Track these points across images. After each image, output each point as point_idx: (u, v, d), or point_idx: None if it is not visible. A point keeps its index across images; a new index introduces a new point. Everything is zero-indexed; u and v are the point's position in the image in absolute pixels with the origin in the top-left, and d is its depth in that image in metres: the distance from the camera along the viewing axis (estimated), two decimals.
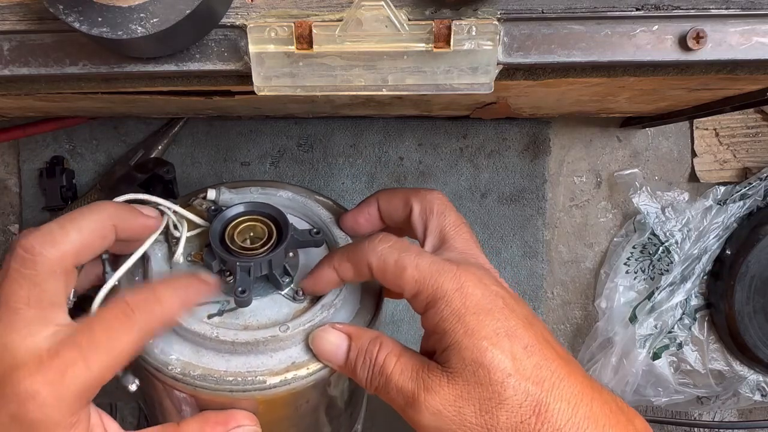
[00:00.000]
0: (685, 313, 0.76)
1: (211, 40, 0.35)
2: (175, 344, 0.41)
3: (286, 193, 0.50)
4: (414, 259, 0.38)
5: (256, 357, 0.40)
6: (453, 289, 0.37)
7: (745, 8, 0.34)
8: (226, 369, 0.40)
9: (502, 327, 0.36)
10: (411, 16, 0.34)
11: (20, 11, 0.34)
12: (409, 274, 0.38)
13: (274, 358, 0.40)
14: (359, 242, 0.41)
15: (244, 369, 0.40)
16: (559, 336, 0.77)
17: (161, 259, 0.44)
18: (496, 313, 0.36)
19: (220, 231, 0.44)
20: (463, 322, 0.36)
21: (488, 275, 0.39)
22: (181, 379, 0.39)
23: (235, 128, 0.72)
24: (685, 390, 0.77)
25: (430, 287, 0.37)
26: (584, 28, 0.35)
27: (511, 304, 0.37)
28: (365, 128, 0.73)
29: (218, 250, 0.42)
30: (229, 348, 0.40)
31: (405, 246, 0.39)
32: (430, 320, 0.38)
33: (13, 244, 0.36)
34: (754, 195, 0.74)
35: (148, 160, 0.63)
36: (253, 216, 0.45)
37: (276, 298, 0.44)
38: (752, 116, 0.75)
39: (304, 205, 0.49)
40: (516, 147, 0.74)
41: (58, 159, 0.71)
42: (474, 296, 0.36)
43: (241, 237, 0.44)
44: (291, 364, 0.40)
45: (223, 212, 0.44)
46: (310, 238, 0.45)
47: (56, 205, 0.70)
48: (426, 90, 0.36)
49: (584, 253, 0.77)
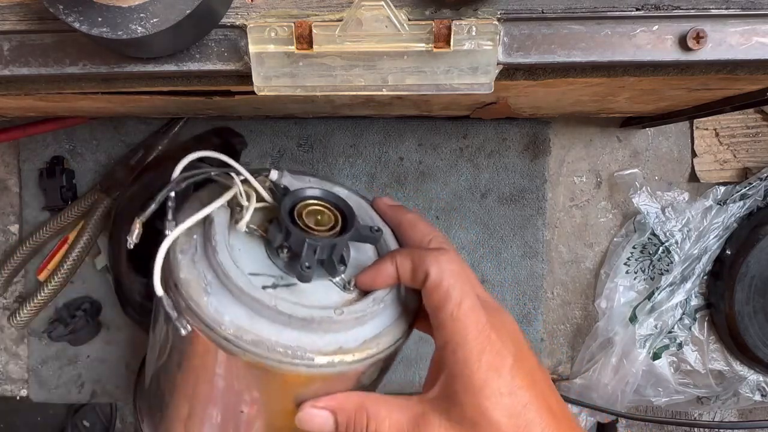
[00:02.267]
0: (685, 313, 0.76)
1: (211, 40, 0.35)
2: (231, 306, 0.41)
3: (342, 190, 0.51)
4: (459, 295, 0.40)
5: (308, 334, 0.41)
6: (474, 337, 0.39)
7: (745, 8, 0.34)
8: (278, 339, 0.40)
9: (506, 387, 0.38)
10: (411, 16, 0.34)
11: (20, 11, 0.34)
12: (449, 309, 0.40)
13: (324, 339, 0.41)
14: (429, 249, 0.43)
15: (294, 343, 0.40)
16: (559, 336, 0.78)
17: (223, 224, 0.45)
18: (504, 372, 0.39)
19: (290, 207, 0.45)
20: (472, 379, 0.38)
21: (508, 320, 0.42)
22: (233, 341, 0.40)
23: (235, 128, 0.72)
24: (685, 390, 0.77)
25: (459, 332, 0.40)
26: (584, 28, 0.35)
27: (519, 359, 0.40)
28: (365, 128, 0.73)
29: (287, 223, 0.44)
30: (284, 320, 0.41)
31: (463, 276, 0.41)
32: (445, 357, 0.40)
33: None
34: (754, 195, 0.74)
35: (223, 128, 0.61)
36: (322, 202, 0.47)
37: (327, 284, 0.46)
38: (752, 116, 0.75)
39: (359, 205, 0.51)
40: (516, 147, 0.74)
41: (58, 159, 0.71)
42: (489, 353, 0.39)
43: (308, 218, 0.45)
44: (338, 348, 0.41)
45: (296, 191, 0.46)
46: (371, 234, 0.47)
47: (56, 205, 0.70)
48: (426, 90, 0.36)
49: (584, 253, 0.77)
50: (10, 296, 0.73)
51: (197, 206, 0.46)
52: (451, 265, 0.41)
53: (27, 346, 0.73)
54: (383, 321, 0.44)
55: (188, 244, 0.44)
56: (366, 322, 0.43)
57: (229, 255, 0.43)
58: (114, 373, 0.74)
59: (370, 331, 0.43)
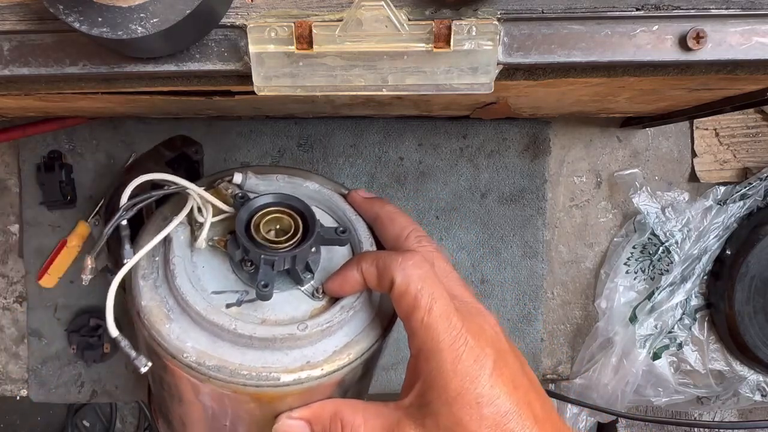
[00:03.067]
0: (685, 313, 0.76)
1: (211, 40, 0.35)
2: (192, 331, 0.40)
3: (313, 185, 0.49)
4: (428, 301, 0.38)
5: (272, 353, 0.40)
6: (448, 344, 0.37)
7: (745, 8, 0.34)
8: (241, 362, 0.40)
9: (484, 396, 0.37)
10: (411, 16, 0.34)
11: (20, 11, 0.34)
12: (419, 316, 0.38)
13: (289, 356, 0.40)
14: (392, 252, 0.41)
15: (259, 364, 0.40)
16: (559, 336, 0.78)
17: (183, 243, 0.44)
18: (482, 380, 0.37)
19: (246, 220, 0.43)
20: (446, 389, 0.37)
21: (488, 323, 0.40)
22: (196, 367, 0.39)
23: (235, 128, 0.72)
24: (685, 390, 0.77)
25: (430, 339, 0.38)
26: (584, 28, 0.35)
27: (500, 364, 0.38)
28: (365, 128, 0.73)
29: (243, 240, 0.42)
30: (246, 342, 0.40)
31: (431, 280, 0.39)
32: (420, 366, 0.39)
33: None
34: (754, 195, 0.74)
35: (176, 138, 0.60)
36: (280, 207, 0.44)
37: (295, 294, 0.44)
38: (752, 116, 0.75)
39: (329, 199, 0.49)
40: (516, 147, 0.74)
41: (56, 153, 0.70)
42: (466, 361, 0.37)
43: (266, 228, 0.44)
44: (306, 363, 0.40)
45: (251, 201, 0.44)
46: (336, 237, 0.45)
47: (55, 200, 0.69)
48: (426, 90, 0.36)
49: (584, 253, 0.77)
50: (11, 296, 0.73)
51: (160, 222, 0.45)
52: (417, 269, 0.39)
53: (27, 346, 0.73)
54: (354, 328, 0.43)
55: (150, 268, 0.43)
56: (334, 332, 0.42)
57: (189, 277, 0.42)
58: (114, 373, 0.74)
59: (339, 340, 0.42)
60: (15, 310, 0.73)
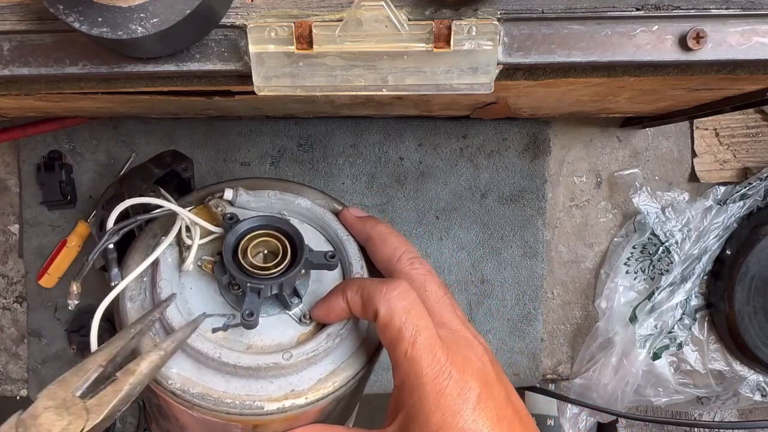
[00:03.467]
0: (685, 313, 0.76)
1: (211, 40, 0.35)
2: (177, 358, 0.40)
3: (305, 201, 0.48)
4: (412, 333, 0.38)
5: (257, 381, 0.40)
6: (431, 378, 0.37)
7: (745, 8, 0.34)
8: (225, 390, 0.40)
9: (467, 430, 0.37)
10: (411, 16, 0.34)
11: (20, 11, 0.34)
12: (403, 349, 0.38)
13: (274, 384, 0.40)
14: (377, 282, 0.41)
15: (243, 392, 0.40)
16: (559, 336, 0.78)
17: (171, 265, 0.44)
18: (465, 414, 0.37)
19: (233, 245, 0.43)
20: (428, 423, 0.37)
21: (474, 354, 0.40)
22: (180, 395, 0.39)
23: (235, 128, 0.72)
24: (685, 390, 0.77)
25: (413, 373, 0.38)
26: (584, 28, 0.35)
27: (485, 397, 0.38)
28: (365, 128, 0.73)
29: (230, 267, 0.41)
30: (230, 370, 0.40)
31: (416, 311, 0.39)
32: (402, 398, 0.39)
33: None
34: (754, 195, 0.74)
35: (166, 154, 0.58)
36: (268, 230, 0.44)
37: (282, 318, 0.44)
38: (752, 116, 0.75)
39: (321, 218, 0.48)
40: (516, 147, 0.74)
41: (56, 153, 0.70)
42: (449, 395, 0.37)
43: (255, 250, 0.43)
44: (290, 391, 0.40)
45: (238, 225, 0.43)
46: (325, 262, 0.44)
47: (55, 200, 0.69)
48: (426, 90, 0.36)
49: (584, 253, 0.77)
50: (11, 296, 0.73)
51: (149, 240, 0.45)
52: (402, 300, 0.39)
53: (27, 346, 0.73)
54: (340, 355, 0.43)
55: (138, 289, 0.43)
56: (320, 360, 0.42)
57: (175, 302, 0.42)
58: None
59: (325, 367, 0.42)
60: (15, 310, 0.73)
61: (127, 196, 0.48)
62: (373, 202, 0.73)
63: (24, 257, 0.72)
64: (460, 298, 0.75)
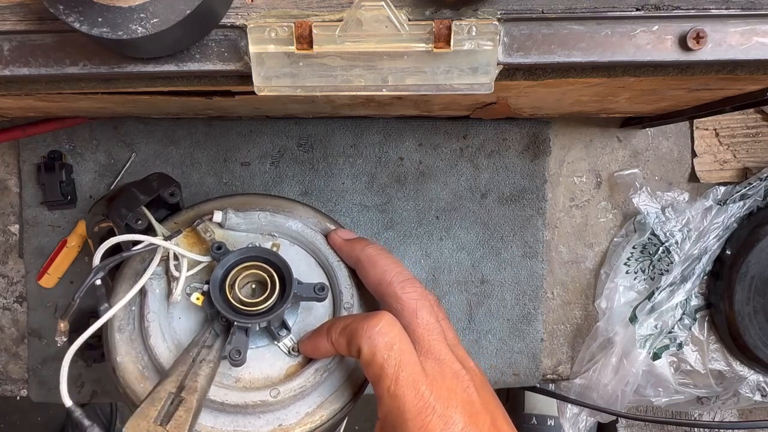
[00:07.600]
0: (685, 313, 0.76)
1: (211, 40, 0.35)
2: None
3: (296, 224, 0.48)
4: (394, 370, 0.38)
5: (244, 417, 0.41)
6: (414, 414, 0.37)
7: (745, 8, 0.34)
8: (213, 425, 0.40)
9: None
10: (411, 16, 0.34)
11: (20, 11, 0.34)
12: (385, 385, 0.38)
13: (261, 419, 0.41)
14: (359, 319, 0.40)
15: (231, 428, 0.40)
16: (559, 336, 0.78)
17: (159, 296, 0.44)
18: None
19: (221, 278, 0.43)
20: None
21: (460, 386, 0.40)
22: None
23: (235, 128, 0.72)
24: (685, 390, 0.77)
25: (396, 409, 0.38)
26: (584, 28, 0.35)
27: (470, 428, 0.38)
28: (365, 128, 0.73)
29: (218, 304, 0.41)
30: (218, 407, 0.41)
31: (398, 346, 0.39)
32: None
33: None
34: (754, 195, 0.74)
35: (152, 177, 0.57)
36: (256, 262, 0.44)
37: (271, 349, 0.44)
38: (752, 116, 0.75)
39: (312, 242, 0.48)
40: (516, 147, 0.74)
41: (56, 153, 0.70)
42: (432, 431, 0.37)
43: (243, 282, 0.43)
44: (278, 426, 0.41)
45: (225, 258, 0.43)
46: (314, 295, 0.44)
47: (55, 200, 0.69)
48: (426, 90, 0.36)
49: (584, 253, 0.77)
50: (11, 296, 0.73)
51: (137, 266, 0.45)
52: (383, 336, 0.39)
53: (27, 346, 0.73)
54: (327, 389, 0.43)
55: (126, 319, 0.44)
56: (308, 394, 0.42)
57: (163, 333, 0.42)
58: None
59: (313, 401, 0.42)
60: (15, 310, 0.73)
61: (113, 224, 0.48)
62: (373, 202, 0.73)
63: (24, 257, 0.72)
64: (460, 298, 0.75)
